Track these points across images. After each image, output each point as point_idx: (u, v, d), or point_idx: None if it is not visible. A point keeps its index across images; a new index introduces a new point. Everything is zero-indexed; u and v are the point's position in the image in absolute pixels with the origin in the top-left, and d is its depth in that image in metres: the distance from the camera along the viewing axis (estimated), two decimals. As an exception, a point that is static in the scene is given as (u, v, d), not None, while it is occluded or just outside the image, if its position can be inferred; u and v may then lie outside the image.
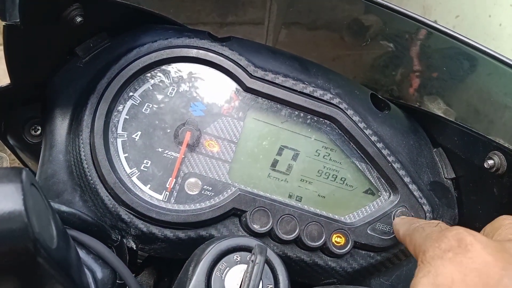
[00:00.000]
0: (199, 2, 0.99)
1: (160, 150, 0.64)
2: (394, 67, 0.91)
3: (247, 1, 1.16)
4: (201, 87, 0.67)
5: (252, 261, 0.49)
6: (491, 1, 1.72)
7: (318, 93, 0.68)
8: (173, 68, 0.66)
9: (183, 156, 0.65)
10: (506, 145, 0.61)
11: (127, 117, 0.64)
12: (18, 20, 0.50)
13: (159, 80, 0.66)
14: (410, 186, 0.68)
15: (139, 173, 0.64)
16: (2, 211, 0.34)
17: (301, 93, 0.68)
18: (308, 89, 0.68)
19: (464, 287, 0.40)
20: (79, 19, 0.59)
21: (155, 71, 0.66)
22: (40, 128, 0.72)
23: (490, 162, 0.62)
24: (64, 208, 0.54)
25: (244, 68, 0.66)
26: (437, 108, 0.79)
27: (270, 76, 0.67)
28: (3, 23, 0.50)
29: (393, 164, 0.68)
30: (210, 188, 0.65)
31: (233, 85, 0.68)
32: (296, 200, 0.67)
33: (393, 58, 0.90)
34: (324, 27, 1.02)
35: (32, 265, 0.36)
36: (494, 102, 0.75)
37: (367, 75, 1.02)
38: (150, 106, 0.65)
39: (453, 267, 0.42)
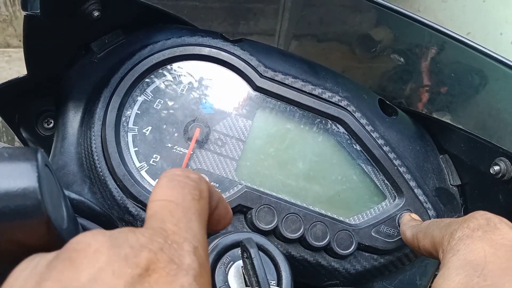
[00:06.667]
0: (211, 11, 1.01)
1: (169, 145, 0.65)
2: (403, 80, 0.92)
3: (259, 11, 1.18)
4: (212, 85, 0.68)
5: (246, 258, 0.48)
6: (503, 19, 1.73)
7: (327, 95, 0.69)
8: (185, 65, 0.68)
9: (192, 152, 0.66)
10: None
11: (139, 112, 0.66)
12: (38, 11, 0.52)
13: (171, 77, 0.67)
14: (415, 190, 0.68)
15: (148, 167, 0.64)
16: (16, 187, 0.35)
17: (310, 94, 0.69)
18: (317, 91, 0.69)
19: (497, 259, 0.40)
20: (96, 13, 0.61)
21: (168, 68, 0.67)
22: (52, 121, 0.74)
23: (496, 168, 0.63)
24: (73, 195, 0.55)
25: (254, 68, 0.68)
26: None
27: (279, 77, 0.68)
28: (24, 13, 0.52)
29: (399, 168, 0.69)
30: (217, 185, 0.66)
31: (244, 84, 0.69)
32: (301, 199, 0.68)
33: (403, 72, 0.90)
34: (334, 39, 1.03)
35: (42, 243, 0.37)
36: (504, 119, 0.75)
37: (376, 87, 1.03)
38: (162, 102, 0.66)
39: (484, 243, 0.42)
